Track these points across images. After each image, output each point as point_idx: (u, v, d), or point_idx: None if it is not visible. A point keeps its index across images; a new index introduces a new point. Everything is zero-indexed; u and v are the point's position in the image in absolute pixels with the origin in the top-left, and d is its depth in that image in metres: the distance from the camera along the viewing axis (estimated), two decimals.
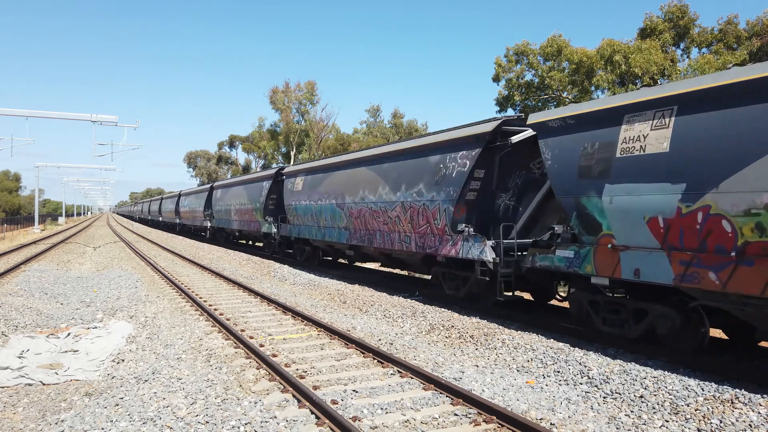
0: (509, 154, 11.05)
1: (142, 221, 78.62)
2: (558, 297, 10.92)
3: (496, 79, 33.34)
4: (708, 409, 5.88)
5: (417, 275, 18.69)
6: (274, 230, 22.29)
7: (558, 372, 7.37)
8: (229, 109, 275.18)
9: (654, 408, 6.03)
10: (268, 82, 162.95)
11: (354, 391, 6.65)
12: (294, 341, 9.23)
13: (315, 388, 6.65)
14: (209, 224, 33.41)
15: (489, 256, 10.34)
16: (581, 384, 6.93)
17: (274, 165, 61.35)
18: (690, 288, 7.17)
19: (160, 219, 55.98)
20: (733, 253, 6.56)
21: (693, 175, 6.95)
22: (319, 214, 17.80)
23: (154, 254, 26.36)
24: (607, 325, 8.66)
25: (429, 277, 14.40)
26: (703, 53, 28.41)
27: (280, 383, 6.89)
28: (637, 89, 8.26)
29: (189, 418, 5.86)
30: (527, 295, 12.07)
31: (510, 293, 10.57)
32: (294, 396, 6.44)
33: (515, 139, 10.60)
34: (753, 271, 6.34)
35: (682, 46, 29.80)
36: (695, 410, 5.89)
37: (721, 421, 5.59)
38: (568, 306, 9.89)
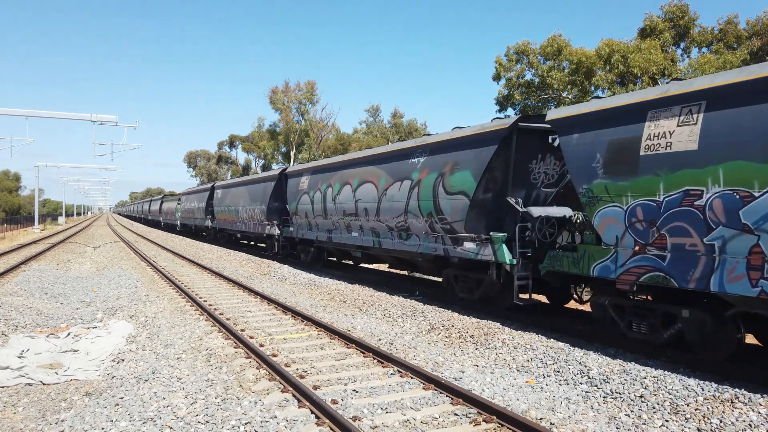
0: None
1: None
2: None
3: (497, 78, 33.34)
4: (708, 408, 5.88)
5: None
6: (509, 259, 10.10)
7: (558, 372, 7.37)
8: (229, 109, 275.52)
9: (654, 408, 6.03)
10: (267, 82, 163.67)
11: (354, 390, 6.65)
12: (294, 341, 9.23)
13: (315, 387, 6.65)
14: (277, 232, 22.39)
15: None
16: (581, 384, 6.93)
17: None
18: None
19: (176, 221, 45.30)
20: None
21: None
22: None
23: (153, 254, 26.37)
24: None
25: None
26: (704, 53, 28.40)
27: (280, 383, 6.90)
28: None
29: (189, 417, 5.86)
30: None
31: None
32: (294, 396, 6.45)
33: None
34: None
35: (682, 45, 29.79)
36: (695, 410, 5.89)
37: (721, 421, 5.59)
38: None
